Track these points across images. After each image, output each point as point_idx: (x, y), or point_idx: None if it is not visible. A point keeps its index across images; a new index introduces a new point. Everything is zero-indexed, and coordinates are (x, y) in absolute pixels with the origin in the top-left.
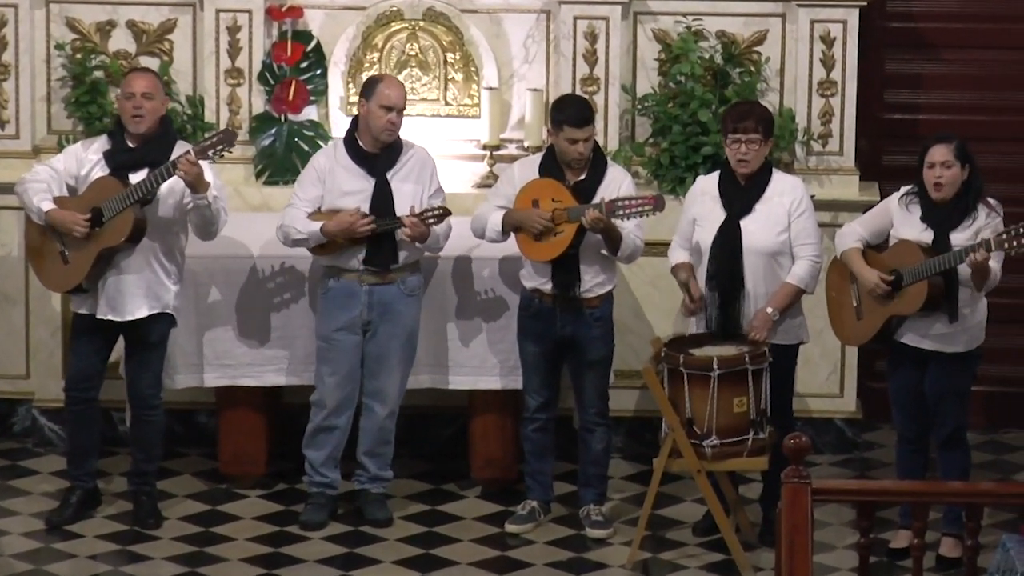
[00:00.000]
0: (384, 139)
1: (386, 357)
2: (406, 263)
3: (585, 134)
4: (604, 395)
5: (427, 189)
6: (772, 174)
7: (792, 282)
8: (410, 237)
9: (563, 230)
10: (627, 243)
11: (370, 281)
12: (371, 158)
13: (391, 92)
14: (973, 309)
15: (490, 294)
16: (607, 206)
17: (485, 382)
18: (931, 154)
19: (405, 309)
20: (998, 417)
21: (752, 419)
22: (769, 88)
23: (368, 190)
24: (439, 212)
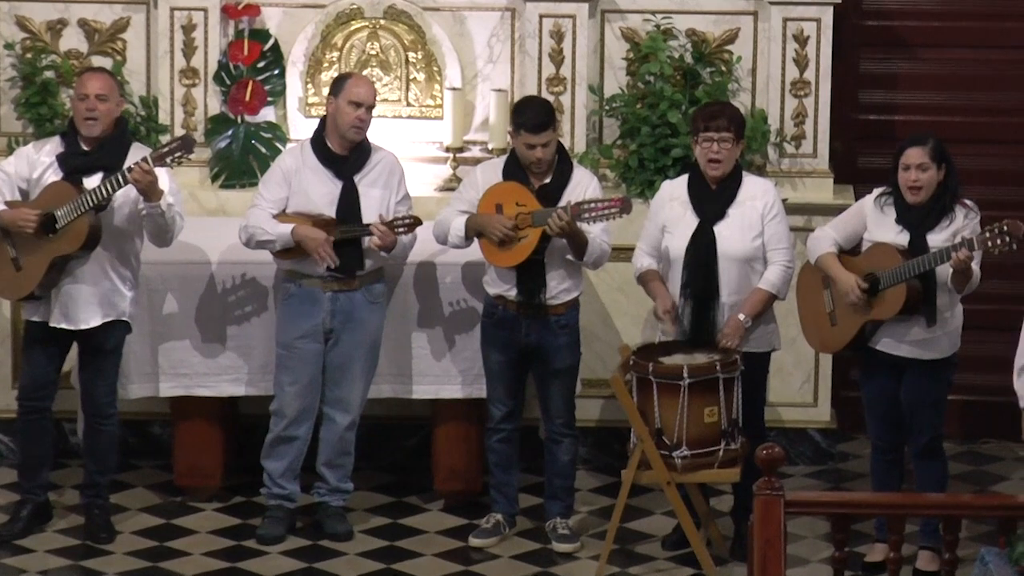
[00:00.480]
0: (351, 137)
1: (348, 366)
2: (371, 270)
3: (542, 139)
4: (571, 405)
5: (394, 195)
6: (743, 177)
7: (764, 288)
8: (378, 246)
9: (527, 235)
10: (593, 248)
11: (333, 288)
12: (339, 160)
13: (360, 88)
14: (951, 313)
15: (453, 301)
16: (572, 210)
17: (448, 391)
18: (906, 156)
19: (369, 317)
20: (976, 427)
21: (723, 429)
22: (741, 88)
23: (335, 193)
24: (410, 221)
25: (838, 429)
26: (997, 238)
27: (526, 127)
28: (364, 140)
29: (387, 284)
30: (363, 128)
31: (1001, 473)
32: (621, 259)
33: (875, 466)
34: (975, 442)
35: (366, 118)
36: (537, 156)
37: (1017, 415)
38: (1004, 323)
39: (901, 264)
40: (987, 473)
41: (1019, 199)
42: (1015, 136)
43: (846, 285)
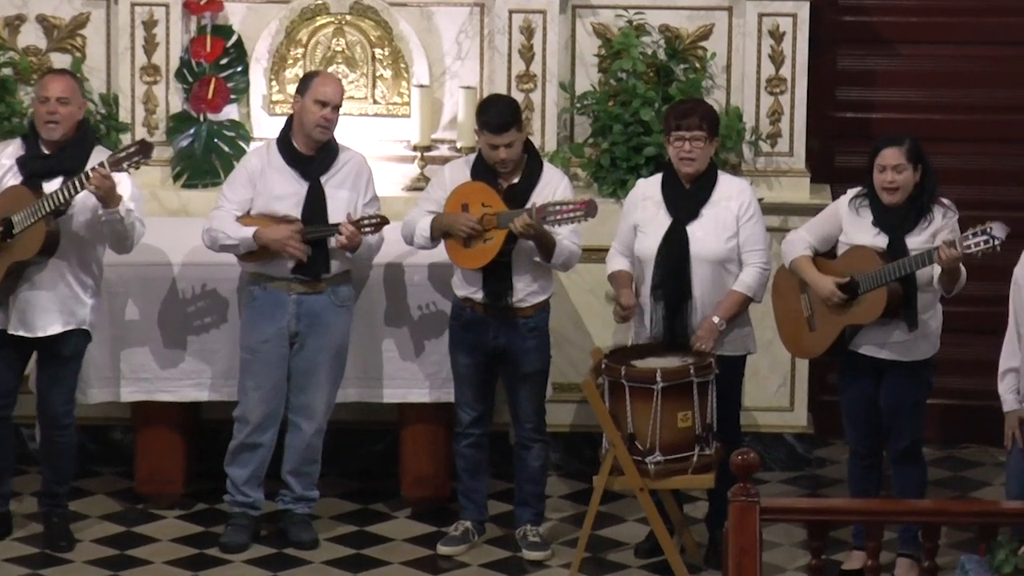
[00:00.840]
0: (317, 136)
1: (314, 371)
2: (337, 272)
3: (505, 140)
4: (541, 409)
5: (362, 197)
6: (718, 176)
7: (739, 290)
8: (344, 246)
9: (492, 236)
10: (561, 250)
11: (299, 290)
12: (305, 160)
13: (326, 87)
14: (931, 314)
15: (421, 303)
16: (537, 212)
17: (416, 395)
18: (882, 157)
19: (335, 321)
20: (956, 431)
21: (697, 434)
22: (715, 85)
23: (300, 194)
24: (377, 221)
25: (815, 434)
26: (981, 239)
27: (488, 127)
28: (331, 140)
29: (354, 287)
30: (329, 128)
31: (981, 479)
32: (593, 260)
33: (852, 472)
34: (955, 447)
35: (332, 117)
36: (500, 157)
37: (998, 419)
38: (984, 326)
39: (881, 267)
40: (967, 479)
41: (999, 198)
42: (995, 134)
43: (825, 289)
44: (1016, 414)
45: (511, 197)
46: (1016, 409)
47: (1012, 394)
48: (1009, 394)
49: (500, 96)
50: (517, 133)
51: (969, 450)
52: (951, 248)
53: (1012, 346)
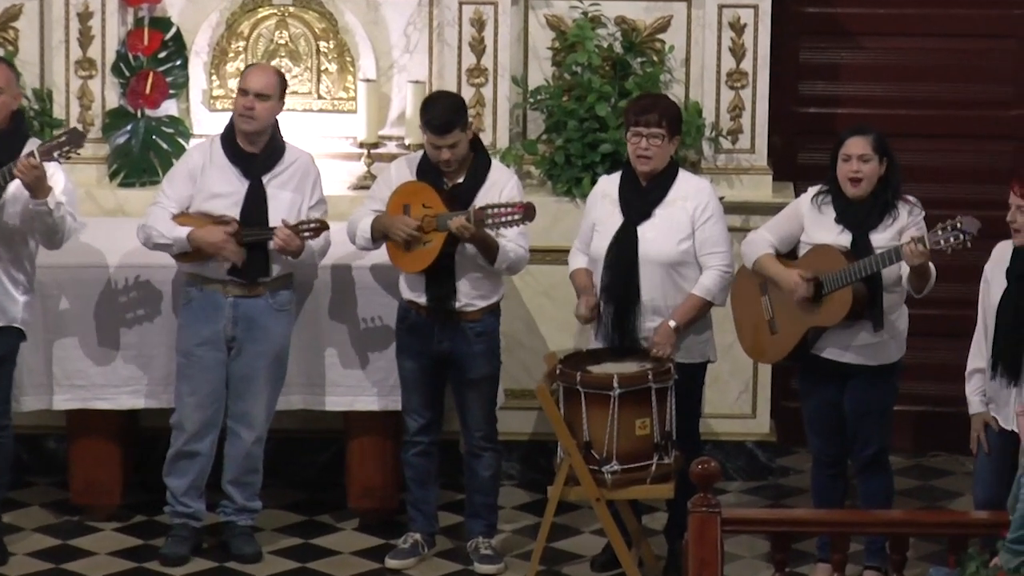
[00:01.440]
0: (241, 127)
1: (252, 377)
2: (278, 276)
3: (447, 141)
4: (491, 417)
5: (307, 200)
6: (677, 175)
7: (698, 294)
8: (281, 250)
9: (431, 239)
10: (504, 254)
11: (236, 293)
12: (247, 158)
13: (248, 75)
14: (897, 315)
15: (368, 306)
16: (475, 214)
17: (362, 403)
18: (847, 146)
19: (274, 325)
20: (925, 440)
21: (656, 442)
22: (673, 79)
23: (240, 193)
24: (316, 226)
25: (778, 442)
26: (951, 235)
27: (430, 127)
28: (277, 138)
29: (297, 291)
30: (252, 118)
31: (951, 488)
32: (547, 262)
33: (816, 481)
34: (923, 456)
35: (254, 106)
36: (443, 158)
37: (969, 426)
38: (954, 328)
39: (846, 266)
40: (936, 488)
41: (969, 196)
42: (963, 130)
43: (789, 282)
44: (982, 416)
45: (454, 197)
46: (982, 411)
47: (978, 396)
48: (975, 396)
49: (444, 94)
50: (461, 133)
51: (939, 459)
52: (918, 244)
53: (979, 346)
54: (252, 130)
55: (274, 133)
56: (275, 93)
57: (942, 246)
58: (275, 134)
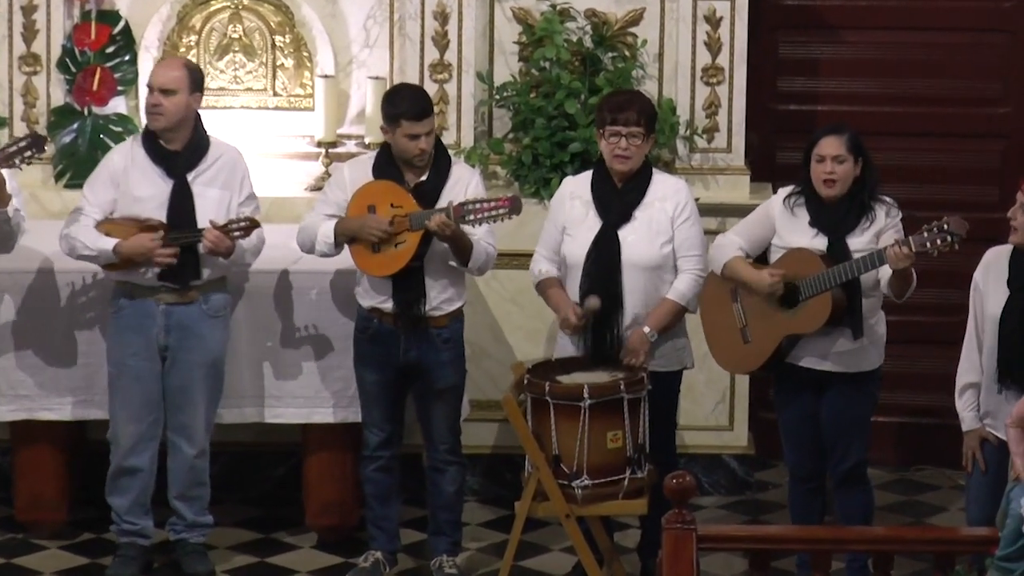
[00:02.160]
0: (151, 125)
1: (188, 388)
2: (210, 280)
3: (426, 127)
4: (456, 429)
5: (236, 196)
6: (652, 175)
7: (673, 299)
8: (211, 252)
9: (405, 239)
10: (479, 252)
11: (167, 300)
12: (170, 157)
13: (154, 70)
14: (876, 320)
15: (324, 314)
16: (455, 210)
17: (319, 415)
18: (820, 147)
19: (208, 333)
20: (909, 452)
21: (629, 456)
22: (646, 75)
23: (165, 194)
24: (245, 224)
25: (756, 455)
26: (938, 237)
27: (407, 115)
28: (200, 133)
29: (248, 294)
30: (160, 114)
31: (937, 503)
32: (513, 266)
33: (794, 496)
34: (908, 469)
35: (160, 102)
36: (421, 147)
37: (955, 438)
38: (937, 336)
39: (824, 271)
40: (922, 503)
41: (955, 197)
42: (950, 128)
43: (762, 283)
44: (977, 433)
45: (420, 196)
46: (976, 428)
47: (971, 411)
48: (968, 411)
49: (407, 85)
50: (434, 121)
51: (924, 472)
52: (903, 247)
53: (971, 358)
54: (161, 127)
55: (196, 128)
56: (183, 87)
57: (928, 248)
58: (197, 129)
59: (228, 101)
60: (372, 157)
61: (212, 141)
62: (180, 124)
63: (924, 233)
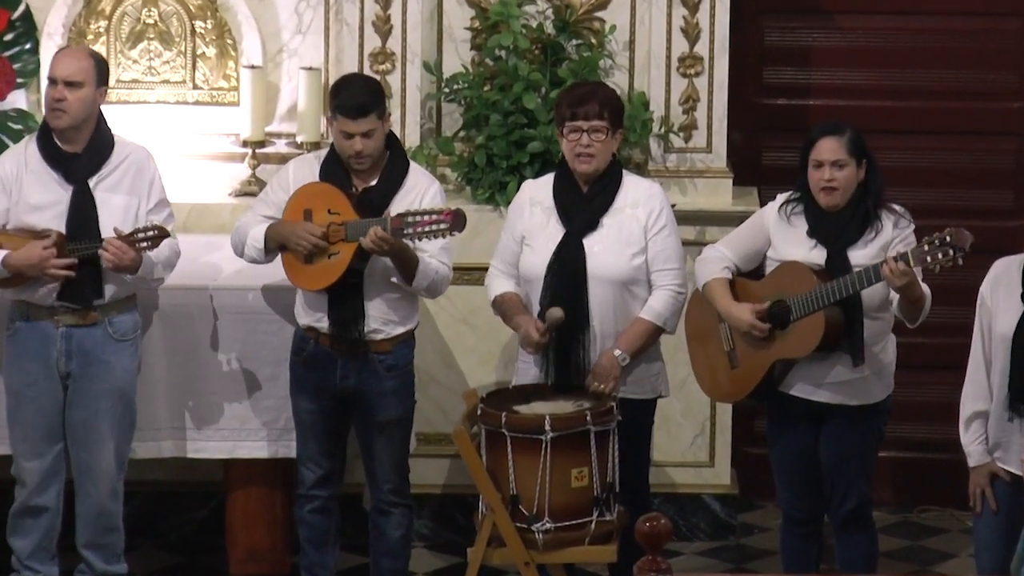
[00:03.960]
0: (53, 123)
1: (92, 422)
2: (115, 299)
3: (362, 127)
4: (402, 467)
5: (145, 202)
6: (622, 178)
7: (647, 318)
8: (113, 265)
9: (339, 251)
10: (425, 271)
11: (67, 322)
12: (68, 160)
13: (56, 60)
14: (882, 347)
15: (253, 334)
16: (393, 222)
17: (246, 449)
18: (818, 150)
19: (114, 358)
20: (912, 491)
21: (596, 496)
22: (615, 66)
23: (63, 202)
24: (153, 233)
25: (740, 495)
26: (938, 251)
27: (342, 110)
28: (103, 132)
29: (143, 316)
30: (63, 111)
31: (945, 549)
32: (464, 281)
33: (787, 541)
34: (911, 511)
35: (65, 97)
36: (356, 149)
37: (964, 475)
38: (942, 359)
39: (816, 288)
40: (927, 549)
41: (965, 203)
42: (959, 125)
43: (740, 320)
44: (986, 468)
45: (365, 203)
46: (985, 463)
47: (979, 444)
48: (975, 445)
49: (360, 75)
50: (378, 121)
51: (929, 514)
52: (899, 262)
53: (978, 383)
54: (65, 125)
55: (99, 127)
56: (90, 79)
57: (928, 264)
58: (100, 128)
59: (142, 95)
60: (322, 156)
61: (117, 141)
62: (84, 122)
63: (924, 247)
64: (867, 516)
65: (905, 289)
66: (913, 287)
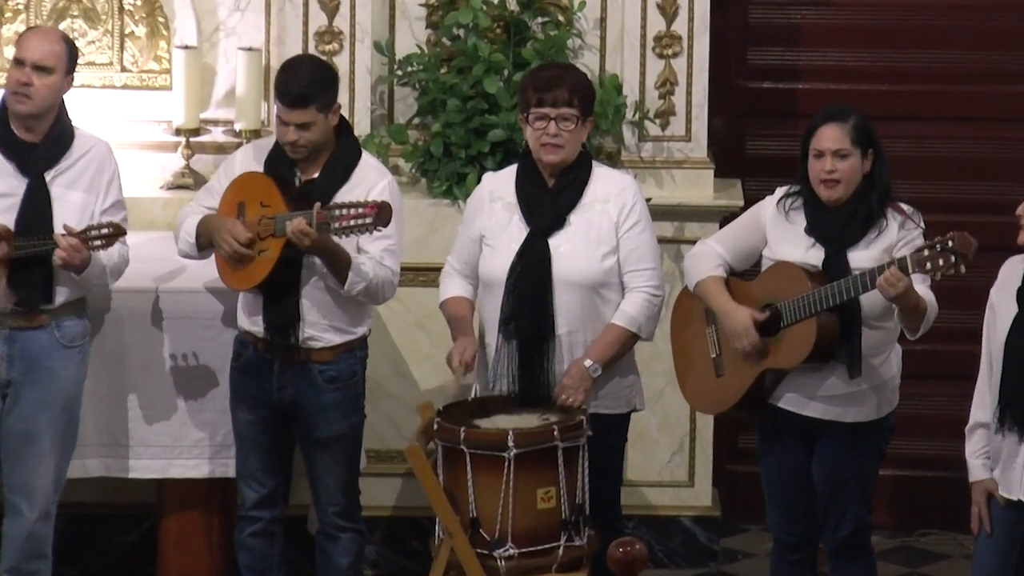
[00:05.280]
0: (16, 108)
1: (34, 435)
2: (65, 302)
3: (296, 118)
4: (350, 488)
5: (101, 200)
6: (592, 170)
7: (620, 324)
8: (64, 263)
9: (268, 248)
10: (359, 273)
11: (11, 324)
12: (25, 150)
13: (26, 40)
14: (883, 358)
15: (190, 341)
16: (318, 215)
17: (180, 468)
18: (818, 138)
19: (61, 366)
20: (912, 513)
21: (564, 518)
22: (585, 46)
23: (17, 195)
24: (108, 231)
25: (723, 518)
26: (939, 257)
27: (279, 95)
28: (63, 123)
29: (92, 322)
30: (29, 96)
31: None
32: (419, 283)
33: (777, 568)
34: (911, 534)
35: (32, 82)
36: (290, 139)
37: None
38: (946, 369)
39: (809, 292)
40: None
41: (971, 197)
42: (972, 110)
43: (737, 324)
44: (984, 485)
45: (304, 196)
46: (984, 479)
47: (980, 459)
48: (976, 458)
49: (312, 60)
50: (318, 114)
51: (930, 538)
52: (894, 268)
53: (984, 393)
54: (28, 112)
55: (59, 117)
56: (60, 65)
57: (928, 271)
58: (61, 118)
59: None
60: (271, 144)
61: (77, 133)
62: (47, 111)
63: (924, 251)
64: (865, 543)
65: (898, 300)
66: (907, 298)
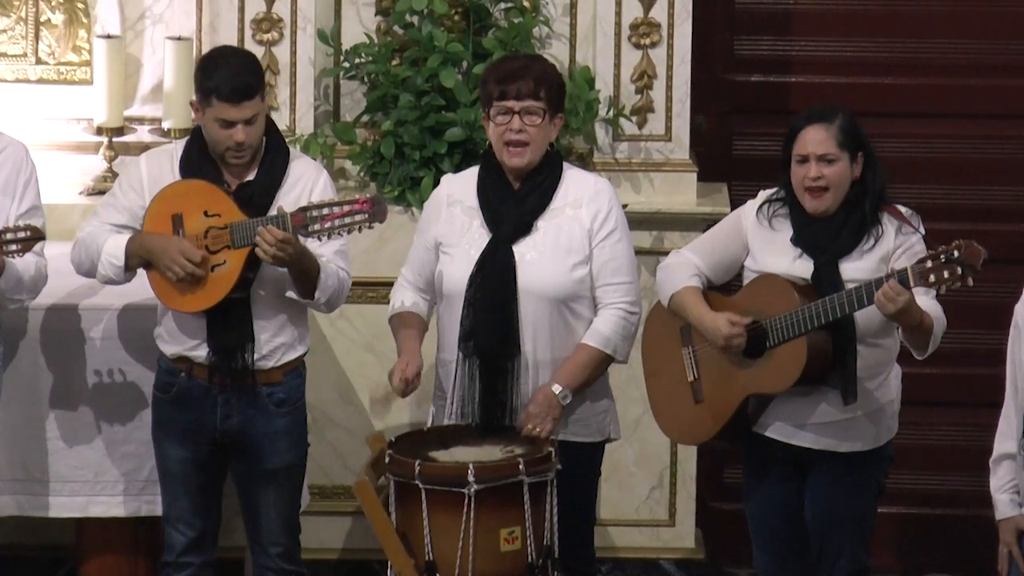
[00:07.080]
0: None
1: None
2: None
3: (246, 113)
4: (293, 526)
5: (17, 204)
6: (563, 172)
7: (592, 344)
8: None
9: (224, 261)
10: (328, 278)
11: None
12: None
13: None
14: (881, 381)
15: (109, 366)
16: (295, 217)
17: (102, 506)
18: (801, 142)
19: None
20: (916, 554)
21: (530, 562)
22: (553, 35)
23: None
24: (26, 235)
25: (707, 561)
26: (944, 269)
27: (220, 94)
28: None
29: (4, 344)
30: None
31: None
32: (368, 299)
33: None
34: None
35: None
36: (237, 140)
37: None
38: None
39: (798, 308)
40: None
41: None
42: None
43: (715, 330)
44: (1014, 523)
45: (244, 201)
46: (1013, 516)
47: (1008, 493)
48: (1004, 493)
49: (233, 48)
50: (261, 103)
51: None
52: (894, 282)
53: (1009, 418)
54: None
55: None
56: None
57: (931, 283)
58: None
59: None
60: (179, 147)
61: None
62: None
63: (927, 263)
64: None
65: (898, 317)
66: (909, 314)
